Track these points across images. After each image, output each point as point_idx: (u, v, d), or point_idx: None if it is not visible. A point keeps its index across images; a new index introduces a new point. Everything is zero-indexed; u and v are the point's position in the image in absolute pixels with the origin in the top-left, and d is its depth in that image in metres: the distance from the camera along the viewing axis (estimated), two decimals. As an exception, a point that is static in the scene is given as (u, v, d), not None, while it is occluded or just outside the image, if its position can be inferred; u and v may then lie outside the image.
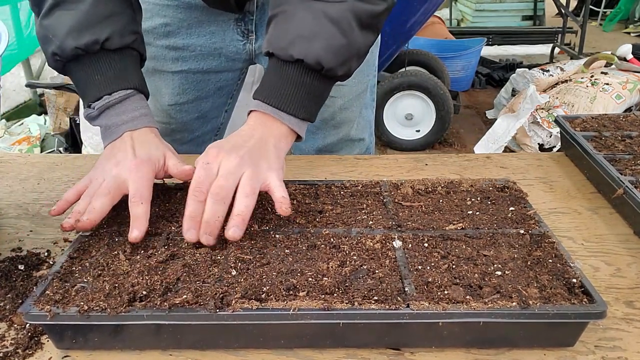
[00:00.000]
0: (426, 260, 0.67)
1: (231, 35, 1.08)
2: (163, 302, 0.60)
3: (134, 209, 0.73)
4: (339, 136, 1.19)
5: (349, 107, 1.16)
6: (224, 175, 0.71)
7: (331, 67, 0.77)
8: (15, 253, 0.80)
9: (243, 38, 1.09)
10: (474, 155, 1.13)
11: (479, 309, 0.58)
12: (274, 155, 0.76)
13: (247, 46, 1.10)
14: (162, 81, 1.14)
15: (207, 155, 0.74)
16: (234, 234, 0.69)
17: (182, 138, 1.21)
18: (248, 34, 1.08)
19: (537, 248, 0.70)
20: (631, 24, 6.47)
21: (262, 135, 0.77)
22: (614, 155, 0.94)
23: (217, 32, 1.08)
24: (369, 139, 1.26)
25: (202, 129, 1.21)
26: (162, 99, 1.15)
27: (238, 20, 1.07)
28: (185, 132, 1.19)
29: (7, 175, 1.06)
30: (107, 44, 0.81)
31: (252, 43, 1.10)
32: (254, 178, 0.72)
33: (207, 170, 0.71)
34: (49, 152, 3.04)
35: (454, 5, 6.08)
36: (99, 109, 0.82)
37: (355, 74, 1.12)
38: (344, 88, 1.14)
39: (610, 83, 3.09)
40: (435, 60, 3.69)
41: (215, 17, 1.07)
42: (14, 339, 0.64)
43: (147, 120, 0.83)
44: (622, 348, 0.63)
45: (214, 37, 1.08)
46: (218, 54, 1.11)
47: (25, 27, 3.11)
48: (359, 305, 0.59)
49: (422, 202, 0.82)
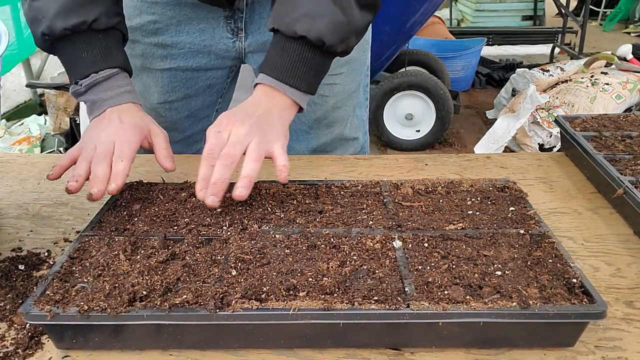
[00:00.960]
0: (426, 260, 0.68)
1: (221, 32, 1.08)
2: (163, 302, 0.60)
3: (115, 165, 0.81)
4: (333, 135, 1.19)
5: (342, 106, 1.16)
6: (233, 143, 0.77)
7: (332, 44, 0.82)
8: (16, 253, 0.81)
9: (233, 36, 1.08)
10: (474, 155, 1.13)
11: (479, 309, 0.58)
12: (279, 124, 0.82)
13: (237, 44, 1.09)
14: (151, 79, 1.13)
15: (219, 124, 0.79)
16: (240, 194, 0.75)
17: (172, 137, 1.18)
18: (238, 32, 1.08)
19: (537, 248, 0.70)
20: (631, 24, 6.47)
21: (268, 105, 0.82)
22: (614, 155, 0.94)
23: (207, 29, 1.07)
24: (363, 138, 1.26)
25: (192, 129, 1.20)
26: (151, 97, 1.15)
27: (228, 18, 1.06)
28: (175, 131, 1.18)
29: (7, 175, 1.06)
30: (95, 25, 0.86)
31: (242, 41, 1.09)
32: (261, 146, 0.78)
33: (218, 138, 0.77)
34: (49, 152, 3.04)
35: (454, 5, 6.08)
36: (86, 85, 0.88)
37: (347, 73, 1.13)
38: (336, 87, 1.13)
39: (610, 83, 3.09)
40: (435, 60, 3.69)
41: (205, 14, 1.06)
42: (14, 339, 0.64)
43: (131, 97, 0.90)
44: (622, 348, 0.63)
45: (204, 34, 1.08)
46: (207, 52, 1.10)
47: (25, 27, 3.11)
48: (359, 306, 0.59)
49: (422, 202, 0.82)
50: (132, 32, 1.02)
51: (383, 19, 2.97)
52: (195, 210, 0.81)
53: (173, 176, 1.04)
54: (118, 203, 0.83)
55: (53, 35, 0.86)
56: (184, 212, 0.80)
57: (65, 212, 0.93)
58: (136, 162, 1.10)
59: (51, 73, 3.64)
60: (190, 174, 1.05)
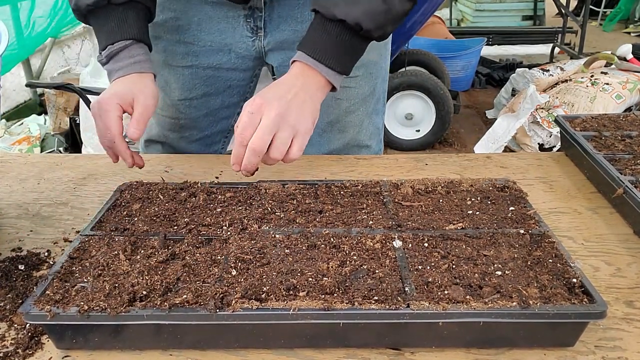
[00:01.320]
0: (426, 260, 0.67)
1: (240, 31, 1.09)
2: (163, 302, 0.60)
3: (106, 151, 0.92)
4: (346, 140, 1.17)
5: (355, 110, 1.15)
6: (262, 130, 0.80)
7: (369, 29, 0.84)
8: (15, 253, 0.81)
9: (252, 35, 1.10)
10: (474, 155, 1.13)
11: (479, 308, 0.58)
12: (310, 105, 0.85)
13: (257, 43, 1.10)
14: (172, 75, 1.15)
15: (252, 103, 0.82)
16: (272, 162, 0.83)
17: (190, 135, 1.21)
18: (257, 30, 1.09)
19: (537, 248, 0.70)
20: (631, 24, 6.47)
21: (303, 84, 0.85)
22: (614, 155, 0.94)
23: (227, 28, 1.09)
24: (377, 146, 1.23)
25: (211, 129, 1.21)
26: (172, 94, 1.16)
27: (247, 17, 1.08)
28: (194, 129, 1.20)
29: (7, 175, 1.06)
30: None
31: (262, 40, 1.10)
32: (285, 142, 0.82)
33: (251, 119, 0.81)
34: (49, 152, 3.04)
35: (454, 5, 6.08)
36: (106, 56, 0.94)
37: (363, 77, 1.12)
38: (350, 90, 1.13)
39: (610, 83, 3.09)
40: (435, 60, 3.69)
41: (225, 13, 1.08)
42: (14, 339, 0.64)
43: (140, 67, 0.94)
44: (622, 348, 0.63)
45: (224, 33, 1.09)
46: (228, 50, 1.11)
47: (25, 27, 3.11)
48: (359, 305, 0.59)
49: (422, 202, 0.82)
50: (155, 28, 1.08)
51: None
52: (195, 210, 0.81)
53: (173, 176, 1.05)
54: (118, 203, 0.83)
55: (80, 11, 0.94)
56: (183, 212, 0.80)
57: (65, 212, 0.93)
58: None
59: (51, 73, 3.64)
60: (190, 174, 1.05)
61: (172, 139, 1.21)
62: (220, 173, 1.05)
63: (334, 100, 1.12)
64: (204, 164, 1.10)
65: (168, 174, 1.06)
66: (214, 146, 1.24)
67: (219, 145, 1.25)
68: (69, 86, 2.20)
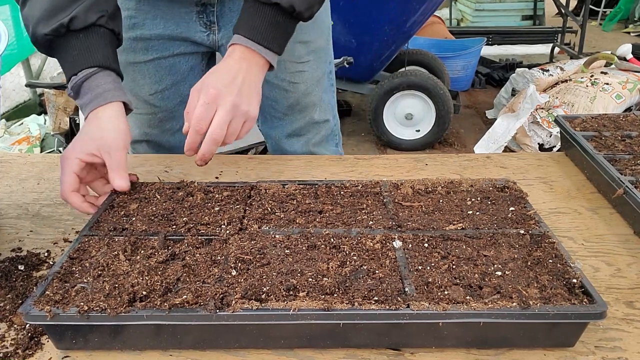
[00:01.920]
0: (426, 260, 0.67)
1: (195, 27, 1.13)
2: (163, 303, 0.60)
3: None
4: (306, 120, 1.26)
5: (311, 91, 1.23)
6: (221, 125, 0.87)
7: (301, 11, 0.90)
8: (15, 253, 0.80)
9: (206, 29, 1.13)
10: (474, 155, 1.13)
11: (479, 309, 0.58)
12: (256, 92, 0.92)
13: (211, 37, 1.15)
14: (138, 73, 1.16)
15: (207, 94, 0.87)
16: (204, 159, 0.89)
17: (171, 127, 1.23)
18: (210, 25, 1.13)
19: (537, 248, 0.70)
20: (631, 24, 6.47)
21: (248, 68, 0.90)
22: (614, 155, 0.94)
23: (180, 23, 1.12)
24: (333, 120, 1.33)
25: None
26: (142, 90, 1.18)
27: (199, 13, 1.12)
28: (172, 120, 1.22)
29: (7, 175, 1.06)
30: (73, 25, 0.86)
31: (215, 34, 1.14)
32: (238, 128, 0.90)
33: (207, 110, 0.87)
34: (49, 152, 3.04)
35: (454, 5, 6.08)
36: (73, 89, 0.88)
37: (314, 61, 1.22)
38: (304, 74, 1.20)
39: (610, 83, 3.09)
40: (435, 60, 3.69)
41: (178, 9, 1.10)
42: (14, 339, 0.64)
43: (104, 98, 0.87)
44: (622, 348, 0.62)
45: (179, 27, 1.12)
46: (184, 40, 1.15)
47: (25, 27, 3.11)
48: (359, 306, 0.59)
49: (422, 202, 0.82)
50: None
51: (383, 18, 2.96)
52: (193, 209, 0.81)
53: (172, 176, 1.05)
54: (115, 203, 0.83)
55: (40, 43, 0.87)
56: (181, 211, 0.80)
57: (65, 212, 0.93)
58: (135, 162, 1.11)
59: (51, 73, 3.64)
60: (189, 174, 1.05)
61: (154, 134, 1.23)
62: (220, 173, 1.05)
63: (291, 85, 1.19)
64: (203, 164, 1.10)
65: (167, 174, 1.06)
66: None
67: None
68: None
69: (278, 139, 1.28)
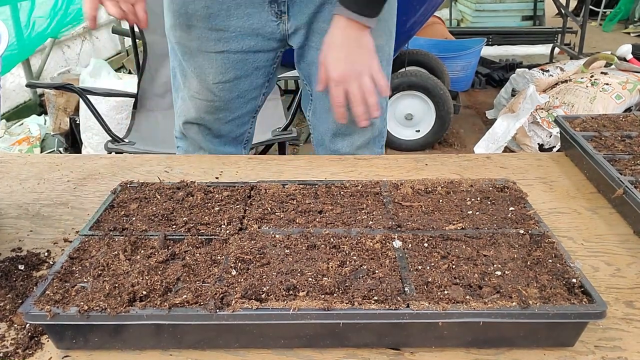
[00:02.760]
0: (426, 260, 0.68)
1: (266, 16, 1.18)
2: (163, 302, 0.60)
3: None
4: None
5: None
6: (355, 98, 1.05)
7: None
8: (15, 253, 0.81)
9: (277, 19, 1.19)
10: (474, 155, 1.13)
11: (478, 309, 0.59)
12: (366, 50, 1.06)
13: (281, 26, 1.20)
14: (206, 61, 1.23)
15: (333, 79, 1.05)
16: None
17: (224, 117, 1.30)
18: (281, 15, 1.18)
19: (537, 248, 0.70)
20: (631, 24, 6.47)
21: (353, 35, 1.05)
22: (613, 155, 0.94)
23: (253, 13, 1.18)
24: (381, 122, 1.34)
25: (241, 109, 1.31)
26: (207, 78, 1.25)
27: (272, 3, 1.17)
28: (227, 110, 1.29)
29: (7, 175, 1.06)
30: None
31: (285, 23, 1.19)
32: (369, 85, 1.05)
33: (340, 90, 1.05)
34: (49, 152, 3.04)
35: (454, 5, 6.08)
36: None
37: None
38: None
39: (610, 83, 3.09)
40: (435, 60, 3.68)
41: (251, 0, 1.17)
42: (14, 339, 0.64)
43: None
44: (622, 348, 0.63)
45: (251, 18, 1.18)
46: (255, 34, 1.20)
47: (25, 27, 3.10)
48: (359, 305, 0.59)
49: (422, 202, 0.82)
50: (188, 17, 1.18)
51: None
52: (193, 209, 0.81)
53: (173, 176, 1.05)
54: (115, 203, 0.83)
55: None
56: (181, 211, 0.80)
57: (65, 212, 0.93)
58: (135, 162, 1.11)
59: (51, 73, 3.63)
60: (190, 175, 1.05)
61: (207, 120, 1.30)
62: (220, 173, 1.05)
63: None
64: (203, 164, 1.10)
65: (167, 174, 1.06)
66: (244, 126, 1.34)
67: (248, 126, 1.36)
68: (69, 86, 2.20)
69: (324, 134, 1.32)
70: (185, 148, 1.36)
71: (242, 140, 1.37)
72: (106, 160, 1.13)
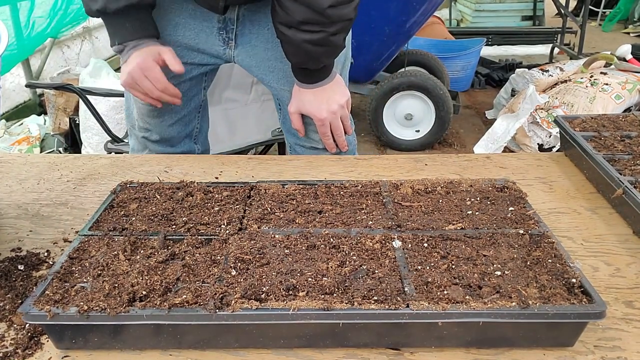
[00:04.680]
0: (426, 260, 0.68)
1: (213, 40, 1.19)
2: (163, 302, 0.60)
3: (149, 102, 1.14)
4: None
5: None
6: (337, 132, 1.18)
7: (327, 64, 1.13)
8: (15, 253, 0.80)
9: (224, 45, 1.20)
10: (474, 155, 1.13)
11: (478, 309, 0.59)
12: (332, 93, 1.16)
13: (227, 51, 1.21)
14: None
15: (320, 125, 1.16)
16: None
17: (169, 119, 1.28)
18: (228, 41, 1.19)
19: (536, 248, 0.70)
20: (630, 24, 6.47)
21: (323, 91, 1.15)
22: (613, 156, 0.94)
23: (200, 36, 1.19)
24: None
25: (185, 109, 1.29)
26: None
27: (220, 30, 1.17)
28: (171, 112, 1.27)
29: (7, 175, 1.06)
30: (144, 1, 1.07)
31: (232, 49, 1.21)
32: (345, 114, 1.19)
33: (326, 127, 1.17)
34: (49, 152, 3.04)
35: (454, 6, 6.08)
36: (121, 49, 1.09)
37: None
38: None
39: (609, 83, 3.09)
40: (435, 60, 3.69)
41: (200, 22, 1.17)
42: (14, 339, 0.64)
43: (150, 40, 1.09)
44: (621, 348, 0.63)
45: (197, 38, 1.19)
46: (201, 52, 1.21)
47: (25, 27, 3.10)
48: (359, 305, 0.59)
49: (422, 202, 0.82)
50: None
51: (383, 19, 2.96)
52: (193, 209, 0.81)
53: (172, 176, 1.05)
54: (115, 203, 0.83)
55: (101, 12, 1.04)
56: (181, 211, 0.80)
57: (64, 212, 0.93)
58: (135, 162, 1.11)
59: (51, 73, 3.63)
60: (189, 174, 1.05)
61: (152, 124, 1.29)
62: (220, 173, 1.05)
63: None
64: (203, 164, 1.10)
65: (167, 174, 1.06)
66: (190, 124, 1.33)
67: (195, 122, 1.34)
68: (68, 86, 2.20)
69: (294, 143, 1.34)
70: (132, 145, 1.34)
71: (192, 136, 1.35)
72: (106, 160, 1.13)
